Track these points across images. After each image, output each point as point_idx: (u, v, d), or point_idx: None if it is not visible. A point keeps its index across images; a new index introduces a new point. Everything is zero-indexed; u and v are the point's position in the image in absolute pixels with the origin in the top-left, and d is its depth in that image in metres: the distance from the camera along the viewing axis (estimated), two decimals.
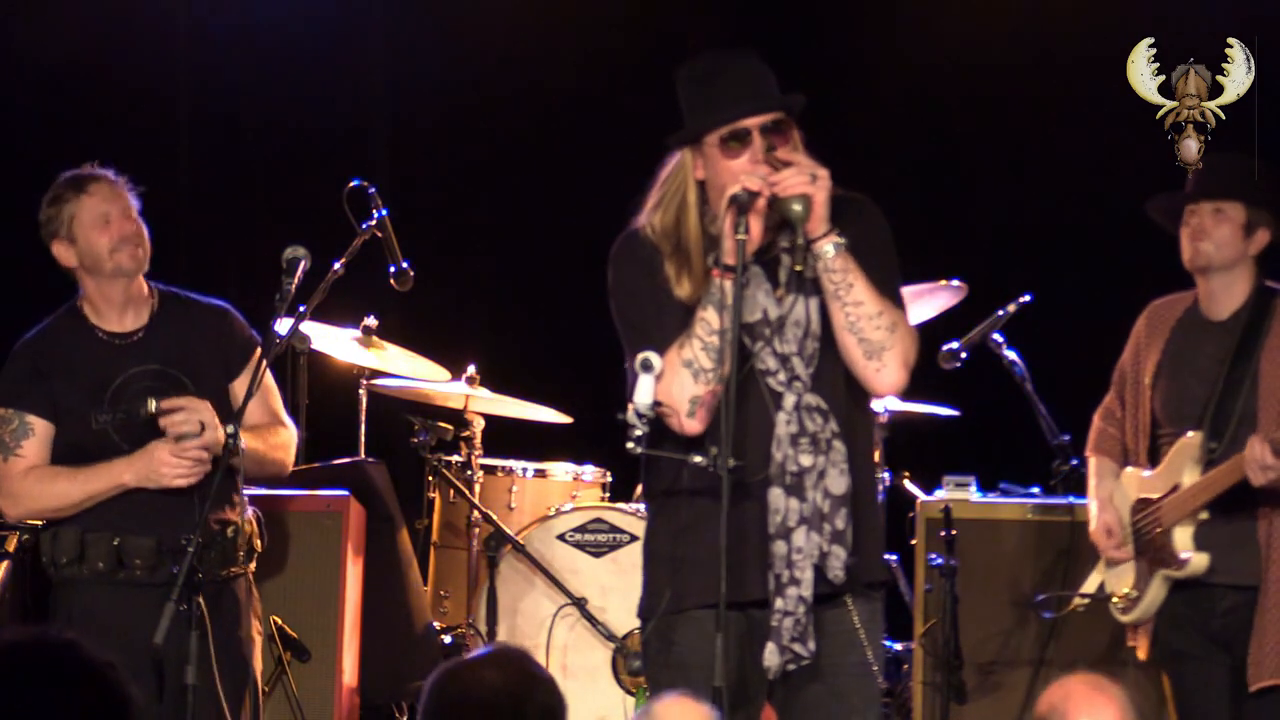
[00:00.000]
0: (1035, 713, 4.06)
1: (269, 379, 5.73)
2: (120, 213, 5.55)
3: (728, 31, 8.24)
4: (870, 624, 4.67)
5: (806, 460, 4.55)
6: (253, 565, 5.66)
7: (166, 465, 5.42)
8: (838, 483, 4.56)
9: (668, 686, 4.60)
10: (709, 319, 4.53)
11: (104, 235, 5.53)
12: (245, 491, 5.62)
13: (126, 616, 5.36)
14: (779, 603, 4.53)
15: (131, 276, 5.57)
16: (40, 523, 5.66)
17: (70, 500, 5.49)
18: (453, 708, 3.50)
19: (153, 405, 5.42)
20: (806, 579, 4.53)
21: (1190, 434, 5.71)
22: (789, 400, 4.57)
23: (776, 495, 4.54)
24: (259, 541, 5.65)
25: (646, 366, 4.44)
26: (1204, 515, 5.68)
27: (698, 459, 4.45)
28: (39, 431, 5.53)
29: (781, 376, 4.58)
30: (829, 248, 4.53)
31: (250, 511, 5.64)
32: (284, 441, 5.71)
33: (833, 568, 4.55)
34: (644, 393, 4.43)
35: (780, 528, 4.54)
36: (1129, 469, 5.89)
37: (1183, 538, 5.70)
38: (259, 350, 5.66)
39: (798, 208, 4.48)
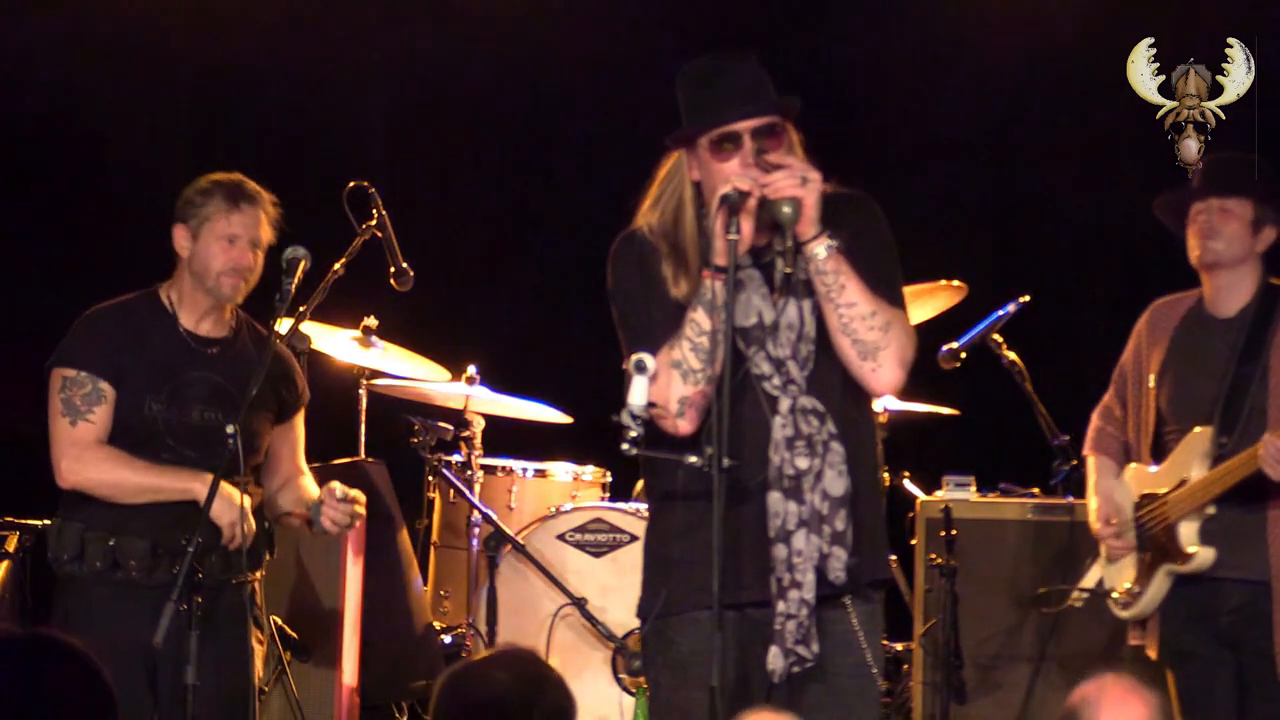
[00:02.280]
0: (1066, 704, 4.06)
1: (301, 429, 5.74)
2: (249, 242, 5.53)
3: (729, 30, 8.24)
4: (869, 625, 4.66)
5: (803, 463, 4.54)
6: (259, 574, 5.64)
7: (236, 520, 5.42)
8: (836, 484, 4.56)
9: (667, 686, 4.61)
10: (699, 320, 4.54)
11: (223, 254, 5.51)
12: None
13: (124, 616, 5.36)
14: (781, 606, 4.53)
15: (225, 301, 5.57)
16: (53, 519, 5.64)
17: (125, 488, 5.46)
18: (464, 708, 3.50)
19: (230, 429, 5.36)
20: (808, 581, 4.53)
21: (1199, 429, 5.71)
22: (784, 404, 4.57)
23: (775, 499, 4.54)
24: (267, 552, 5.64)
25: (640, 368, 4.44)
26: (1211, 510, 5.68)
27: (693, 460, 4.45)
28: (109, 398, 5.50)
29: (776, 380, 4.58)
30: (820, 249, 4.53)
31: (261, 521, 5.61)
32: (306, 492, 5.72)
33: (833, 569, 4.55)
34: (638, 394, 4.43)
35: (780, 531, 4.54)
36: (1132, 465, 5.89)
37: (1189, 532, 5.70)
38: (303, 409, 5.72)
39: (787, 210, 4.48)
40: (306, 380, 5.81)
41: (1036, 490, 6.96)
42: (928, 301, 7.28)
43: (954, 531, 6.63)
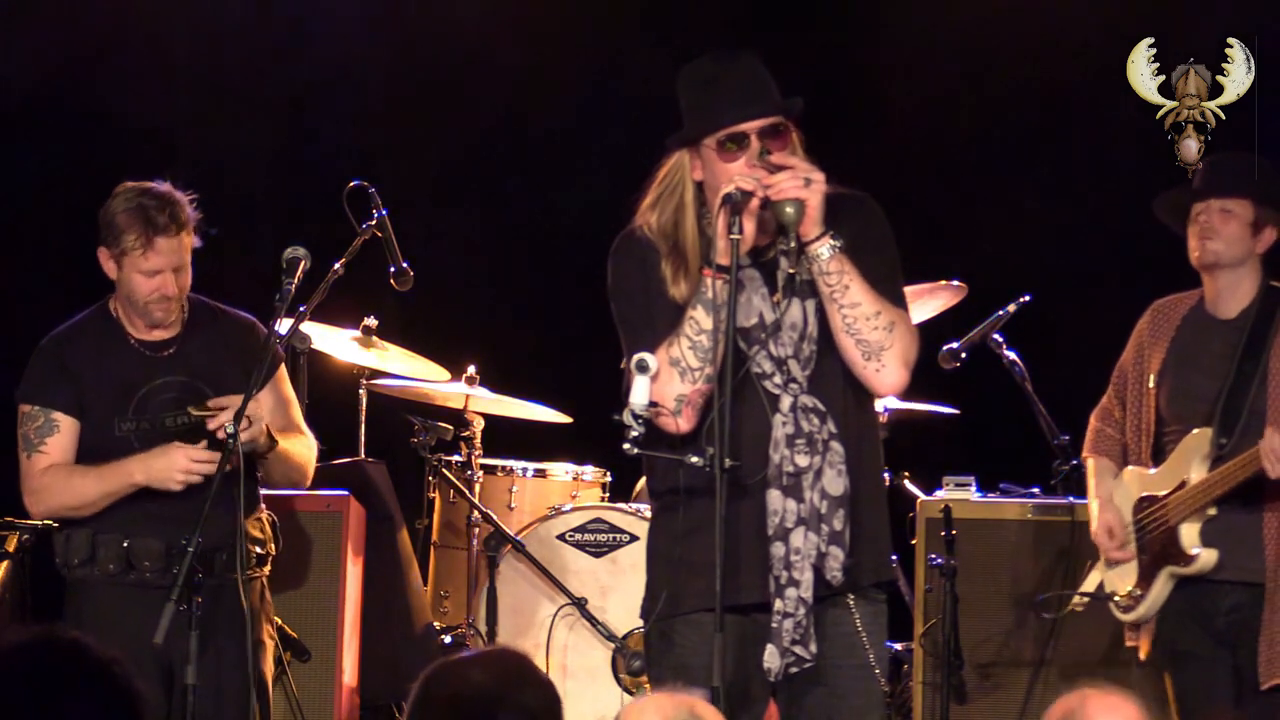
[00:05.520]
0: (1047, 718, 4.05)
1: (290, 391, 5.74)
2: (172, 271, 5.49)
3: (730, 30, 8.24)
4: (873, 625, 4.65)
5: (803, 461, 4.54)
6: (266, 569, 5.65)
7: (179, 469, 5.40)
8: (835, 484, 4.55)
9: (670, 687, 4.60)
10: (698, 318, 4.54)
11: (148, 284, 5.49)
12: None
13: (136, 618, 5.35)
14: (778, 604, 4.52)
15: (159, 325, 5.55)
16: (54, 523, 5.65)
17: (87, 498, 5.47)
18: (431, 702, 3.48)
19: (192, 411, 5.37)
20: (806, 580, 4.53)
21: (1198, 430, 5.70)
22: (785, 402, 4.57)
23: (774, 497, 4.54)
24: (272, 546, 5.65)
25: (642, 368, 4.45)
26: (1212, 511, 5.67)
27: (695, 460, 4.45)
28: (65, 429, 5.52)
29: (777, 379, 4.58)
30: (824, 250, 4.53)
31: (264, 516, 5.63)
32: (305, 446, 5.70)
33: (830, 569, 4.55)
34: (640, 394, 4.44)
35: (779, 529, 4.54)
36: (1131, 467, 5.88)
37: (1190, 534, 5.69)
38: (282, 366, 5.71)
39: (790, 211, 4.49)
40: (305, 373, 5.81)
41: (1036, 490, 6.95)
42: (928, 301, 7.28)
43: (954, 531, 6.62)
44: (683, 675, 4.54)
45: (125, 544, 5.47)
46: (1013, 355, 7.00)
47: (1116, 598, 5.85)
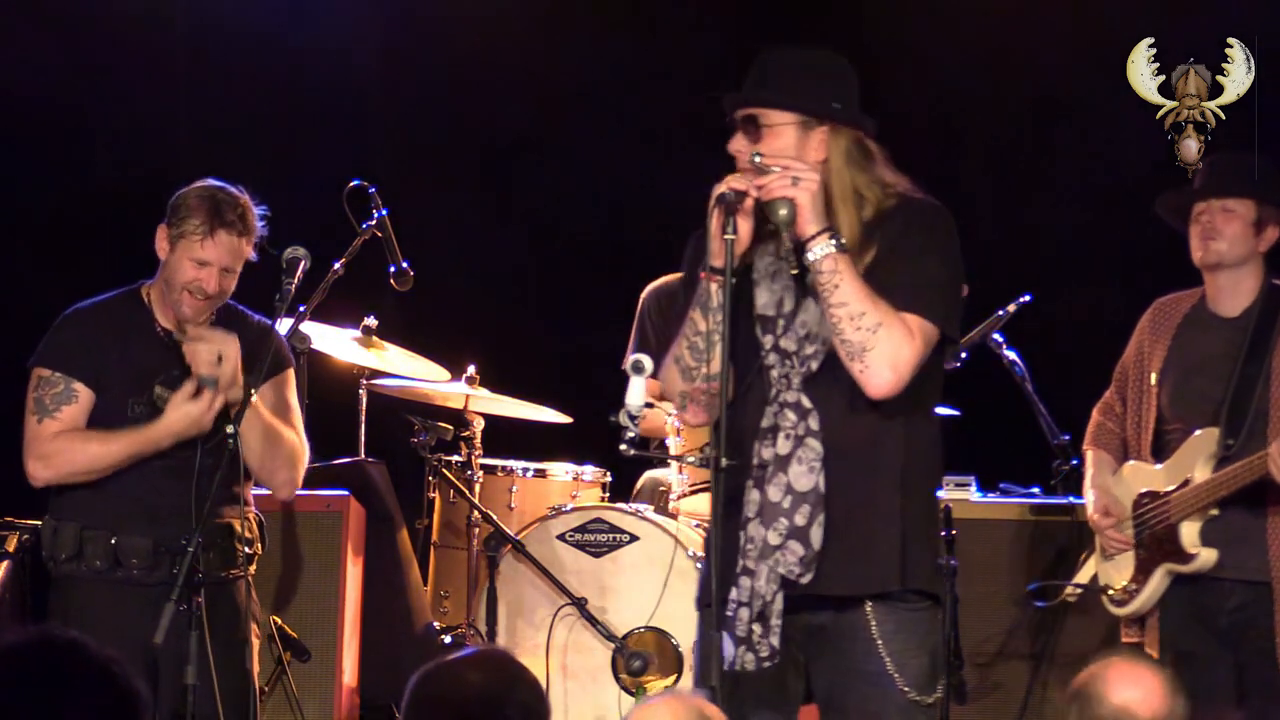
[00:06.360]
0: (1072, 686, 4.06)
1: (293, 398, 5.73)
2: (220, 269, 5.48)
3: (730, 31, 8.24)
4: (896, 634, 4.59)
5: (768, 454, 4.54)
6: (252, 568, 5.65)
7: (206, 417, 5.39)
8: (804, 479, 4.51)
9: (698, 677, 4.61)
10: (695, 319, 4.56)
11: (190, 273, 5.48)
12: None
13: (123, 615, 5.36)
14: (733, 593, 4.51)
15: (184, 320, 5.54)
16: (41, 521, 5.65)
17: (106, 462, 5.45)
18: (431, 707, 3.48)
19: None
20: (762, 571, 4.51)
21: (1203, 430, 5.70)
22: (771, 394, 4.58)
23: (748, 487, 4.55)
24: (259, 544, 5.64)
25: (637, 368, 4.46)
26: (1214, 511, 5.68)
27: (691, 460, 4.47)
28: (82, 400, 5.50)
29: (776, 372, 4.59)
30: (818, 249, 4.51)
31: (252, 514, 5.63)
32: (296, 443, 5.67)
33: (785, 563, 4.51)
34: (635, 394, 4.45)
35: (743, 520, 4.55)
36: (1131, 462, 5.89)
37: (1190, 533, 5.70)
38: (290, 370, 5.70)
39: (782, 211, 4.48)
40: (307, 369, 5.78)
41: (1036, 490, 6.95)
42: None
43: (954, 531, 6.62)
44: (705, 665, 4.55)
45: (113, 540, 5.46)
46: (1013, 355, 7.00)
47: (1111, 591, 5.86)
